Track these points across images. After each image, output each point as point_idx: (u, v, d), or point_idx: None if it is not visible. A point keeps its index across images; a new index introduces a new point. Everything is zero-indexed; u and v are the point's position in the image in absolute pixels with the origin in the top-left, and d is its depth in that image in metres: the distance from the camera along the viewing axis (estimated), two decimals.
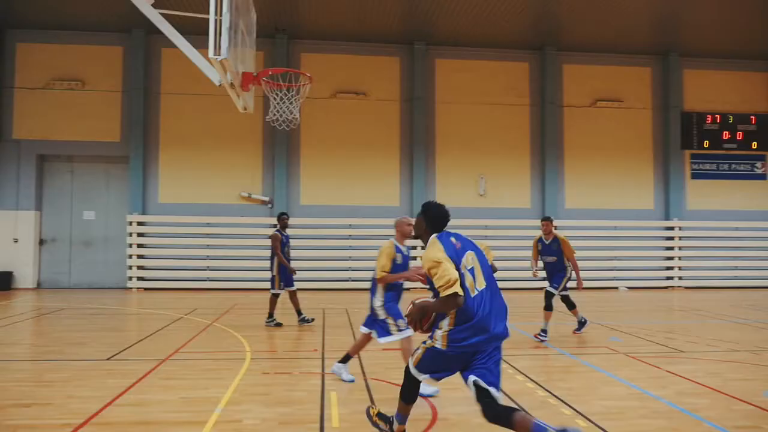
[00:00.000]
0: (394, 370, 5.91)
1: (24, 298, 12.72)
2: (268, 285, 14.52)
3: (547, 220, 8.58)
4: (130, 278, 14.50)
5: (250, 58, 5.86)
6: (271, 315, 9.08)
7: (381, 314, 5.38)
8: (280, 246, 9.11)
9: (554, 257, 8.37)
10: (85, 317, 10.05)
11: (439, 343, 3.56)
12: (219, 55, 4.40)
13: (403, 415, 3.87)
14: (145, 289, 14.49)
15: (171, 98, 14.90)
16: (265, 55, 15.18)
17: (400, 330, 5.28)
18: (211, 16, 4.41)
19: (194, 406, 4.78)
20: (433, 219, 3.82)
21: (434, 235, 3.76)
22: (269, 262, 9.29)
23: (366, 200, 15.32)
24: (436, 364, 3.63)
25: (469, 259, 3.65)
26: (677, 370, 6.09)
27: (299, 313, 9.20)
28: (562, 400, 4.98)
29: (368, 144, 15.46)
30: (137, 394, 5.12)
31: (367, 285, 5.78)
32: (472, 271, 3.60)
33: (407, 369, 3.77)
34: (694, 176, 16.58)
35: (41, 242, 14.80)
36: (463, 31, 14.90)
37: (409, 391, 3.80)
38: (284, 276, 9.09)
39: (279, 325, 8.97)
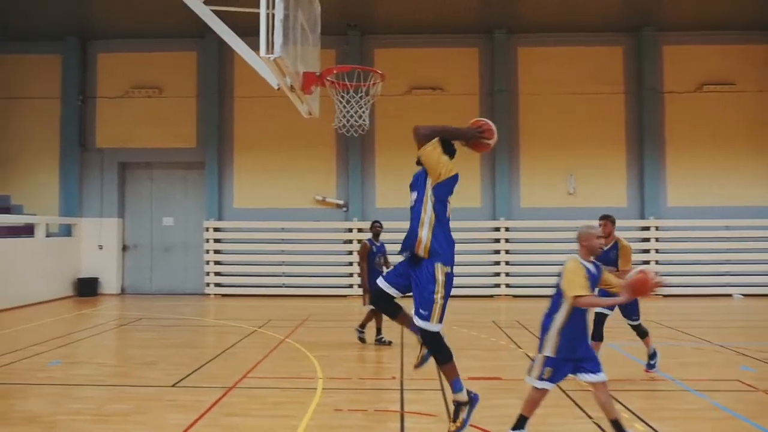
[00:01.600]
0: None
1: (107, 306, 12.88)
2: (343, 292, 14.30)
3: (606, 218, 6.63)
4: (208, 284, 14.43)
5: (314, 56, 5.17)
6: (378, 331, 8.25)
7: (548, 348, 4.16)
8: (367, 256, 8.27)
9: (613, 267, 6.31)
10: (160, 329, 9.87)
11: None
12: (272, 53, 3.73)
13: None
14: (222, 295, 14.37)
15: (244, 102, 14.68)
16: (336, 53, 14.62)
17: (541, 378, 4.14)
18: (262, 9, 3.73)
19: None
20: None
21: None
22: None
23: None
24: None
25: None
26: None
27: (378, 331, 8.47)
28: None
29: None
30: None
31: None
32: None
33: None
34: None
35: (124, 248, 15.05)
36: (547, 16, 13.65)
37: None
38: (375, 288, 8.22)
39: (388, 343, 8.14)
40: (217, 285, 14.45)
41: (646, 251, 13.98)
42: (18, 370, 6.90)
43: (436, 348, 4.14)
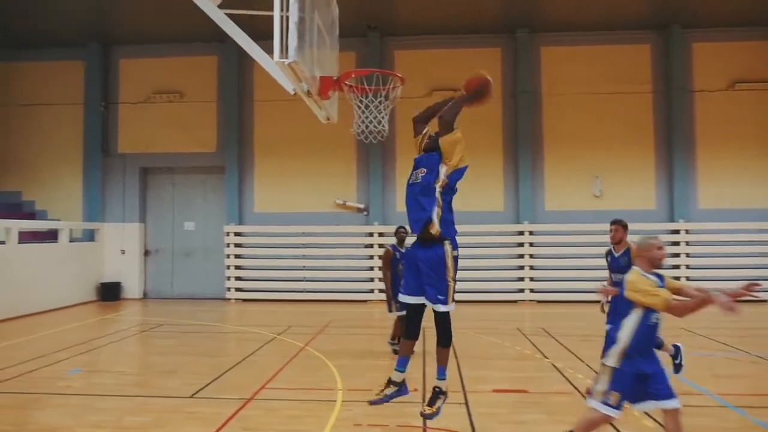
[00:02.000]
0: None
1: (129, 311, 12.92)
2: (363, 297, 14.14)
3: (617, 223, 6.18)
4: (228, 289, 14.40)
5: (332, 60, 5.00)
6: (393, 338, 7.99)
7: (613, 358, 3.90)
8: (391, 263, 7.97)
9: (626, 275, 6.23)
10: (181, 336, 9.82)
11: None
12: (286, 58, 3.56)
13: None
14: (243, 300, 14.32)
15: (264, 105, 14.62)
16: (356, 55, 14.50)
17: (606, 403, 3.83)
18: (276, 12, 3.56)
19: None
20: None
21: None
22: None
23: (467, 206, 14.15)
24: None
25: None
26: None
27: (394, 337, 8.27)
28: None
29: (468, 144, 14.10)
30: None
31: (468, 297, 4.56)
32: None
33: None
34: None
35: (146, 253, 15.11)
36: (571, 14, 13.33)
37: None
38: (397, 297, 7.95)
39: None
40: (238, 290, 14.40)
41: (676, 255, 13.55)
42: (38, 378, 6.87)
43: (448, 329, 4.32)
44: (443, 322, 4.30)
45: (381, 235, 14.10)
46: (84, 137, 15.01)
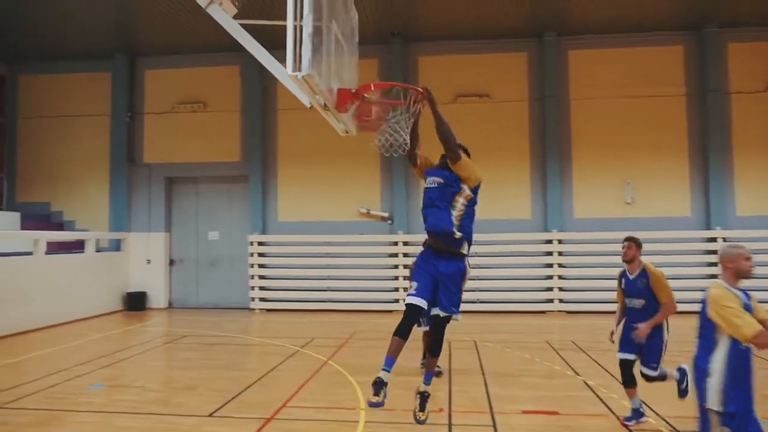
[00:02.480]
0: None
1: (154, 321, 12.93)
2: (388, 307, 13.91)
3: (630, 241, 5.59)
4: (253, 299, 14.33)
5: (351, 71, 4.80)
6: (425, 355, 7.58)
7: (713, 399, 3.53)
8: None
9: (642, 300, 5.42)
10: (203, 348, 9.73)
11: None
12: (299, 71, 3.37)
13: None
14: (267, 310, 14.23)
15: (287, 114, 14.55)
16: (379, 62, 14.35)
17: None
18: (289, 21, 3.38)
19: None
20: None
21: None
22: None
23: (493, 214, 13.86)
24: None
25: None
26: None
27: (425, 355, 8.02)
28: None
29: (494, 150, 13.99)
30: None
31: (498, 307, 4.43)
32: None
33: None
34: None
35: (171, 263, 15.15)
36: (600, 16, 12.94)
37: None
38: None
39: (439, 373, 7.38)
40: (262, 299, 14.32)
41: (713, 264, 13.01)
42: (59, 393, 6.83)
43: (442, 339, 4.72)
44: (442, 330, 4.67)
45: (406, 244, 13.88)
46: (110, 148, 15.15)
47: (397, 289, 13.81)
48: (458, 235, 4.36)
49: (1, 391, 6.87)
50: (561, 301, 13.41)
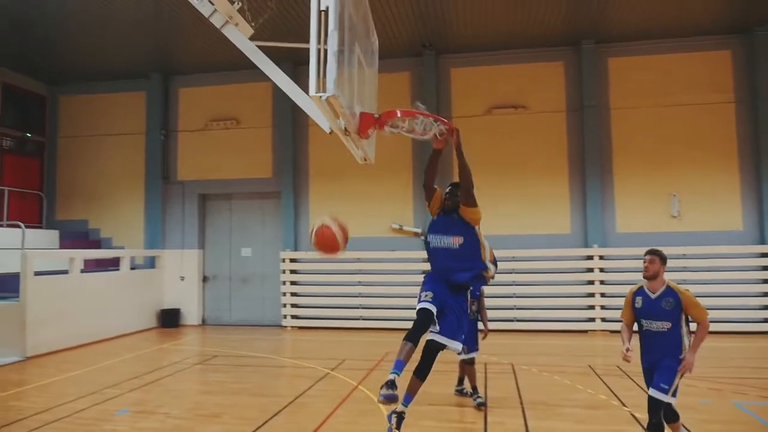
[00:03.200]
0: None
1: (186, 339, 12.88)
2: None
3: (654, 254, 5.05)
4: (285, 316, 14.17)
5: (371, 95, 4.54)
6: (474, 390, 7.16)
7: None
8: None
9: (668, 322, 4.79)
10: (232, 370, 9.57)
11: None
12: (324, 91, 3.12)
13: None
14: (299, 328, 14.04)
15: (319, 129, 14.07)
16: (411, 75, 14.12)
17: None
18: (313, 37, 3.13)
19: None
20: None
21: None
22: None
23: (529, 228, 13.39)
24: None
25: None
26: None
27: (461, 381, 7.63)
28: None
29: (531, 163, 13.54)
30: None
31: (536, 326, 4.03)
32: None
33: None
34: None
35: (204, 279, 15.15)
36: (641, 21, 12.39)
37: None
38: (470, 335, 6.93)
39: (482, 405, 6.91)
40: (294, 317, 14.15)
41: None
42: (86, 419, 6.73)
43: (432, 363, 4.85)
44: (435, 355, 4.83)
45: None
46: (145, 165, 15.31)
47: None
48: (491, 275, 5.02)
49: (30, 417, 6.81)
50: (603, 320, 12.79)
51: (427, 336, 4.99)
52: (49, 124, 16.07)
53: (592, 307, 12.90)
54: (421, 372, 4.93)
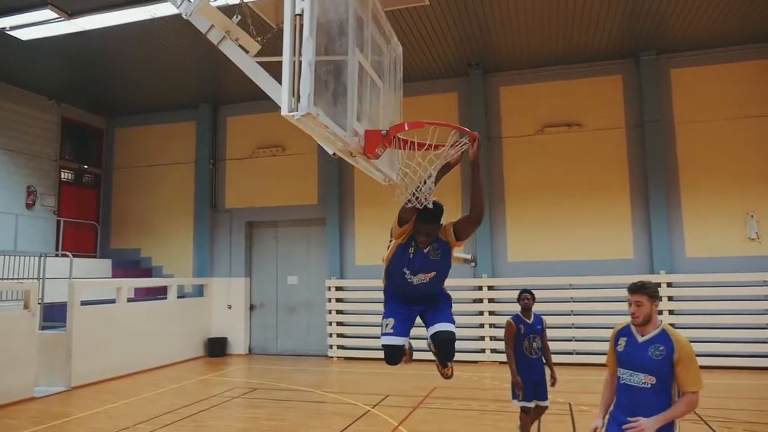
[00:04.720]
0: None
1: (231, 370, 12.66)
2: (473, 357, 12.78)
3: (638, 291, 3.72)
4: (331, 347, 13.75)
5: (389, 110, 4.08)
6: None
7: None
8: (513, 338, 6.39)
9: (652, 377, 3.60)
10: (270, 405, 9.19)
11: None
12: (296, 110, 2.71)
13: None
14: (345, 358, 13.58)
15: None
16: (458, 96, 13.66)
17: None
18: (286, 47, 2.73)
19: None
20: None
21: None
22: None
23: (589, 254, 12.47)
24: None
25: None
26: None
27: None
28: None
29: (588, 184, 12.69)
30: None
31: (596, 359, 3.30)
32: None
33: None
34: None
35: (251, 308, 14.99)
36: (706, 29, 11.45)
37: None
38: (526, 381, 6.28)
39: None
40: (340, 347, 13.71)
41: None
42: None
43: (454, 346, 4.53)
44: (452, 344, 4.49)
45: (491, 288, 12.81)
46: (195, 194, 15.45)
47: (482, 338, 12.70)
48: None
49: None
50: None
51: (434, 330, 4.47)
52: (105, 155, 16.57)
53: None
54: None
